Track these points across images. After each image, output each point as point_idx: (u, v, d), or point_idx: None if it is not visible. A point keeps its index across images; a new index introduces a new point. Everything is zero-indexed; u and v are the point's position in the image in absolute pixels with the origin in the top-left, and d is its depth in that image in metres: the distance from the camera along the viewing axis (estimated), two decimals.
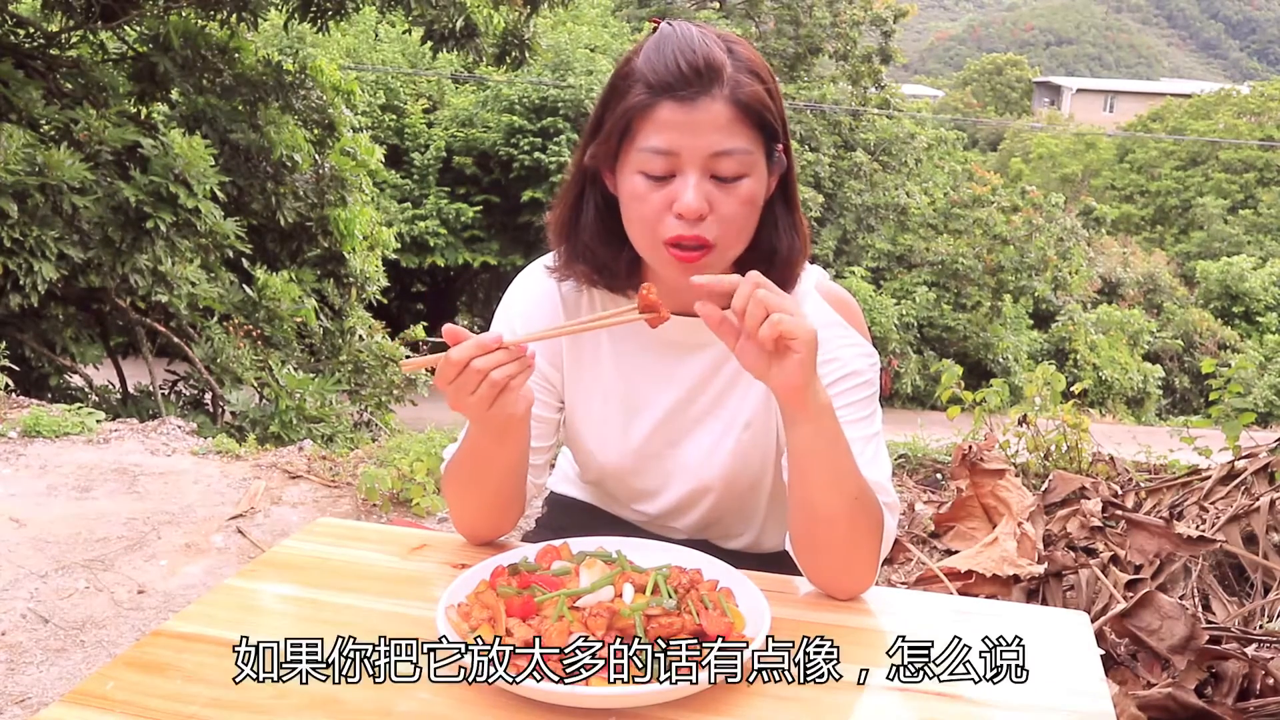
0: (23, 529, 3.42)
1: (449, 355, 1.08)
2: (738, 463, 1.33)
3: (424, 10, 7.37)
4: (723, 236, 1.17)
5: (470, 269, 16.53)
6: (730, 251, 1.20)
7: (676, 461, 1.35)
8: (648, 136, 1.14)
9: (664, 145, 1.14)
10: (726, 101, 1.13)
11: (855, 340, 1.29)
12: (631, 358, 1.33)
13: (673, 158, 1.14)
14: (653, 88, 1.14)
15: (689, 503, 1.38)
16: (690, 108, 1.13)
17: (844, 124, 18.68)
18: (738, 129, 1.14)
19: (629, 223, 1.21)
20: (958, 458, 2.86)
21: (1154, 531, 2.40)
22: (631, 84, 1.16)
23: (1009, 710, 0.97)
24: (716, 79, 1.13)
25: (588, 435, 1.38)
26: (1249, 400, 14.78)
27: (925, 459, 4.37)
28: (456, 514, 1.31)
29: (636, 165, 1.16)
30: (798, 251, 1.27)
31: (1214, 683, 1.89)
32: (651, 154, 1.14)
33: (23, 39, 7.23)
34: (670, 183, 1.15)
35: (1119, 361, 17.82)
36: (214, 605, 1.15)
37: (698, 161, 1.14)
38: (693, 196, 1.13)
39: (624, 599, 1.01)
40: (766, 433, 1.33)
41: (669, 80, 1.13)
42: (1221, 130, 31.14)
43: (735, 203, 1.16)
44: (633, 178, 1.17)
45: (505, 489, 1.27)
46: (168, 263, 6.36)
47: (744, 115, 1.14)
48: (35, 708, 2.42)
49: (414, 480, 3.81)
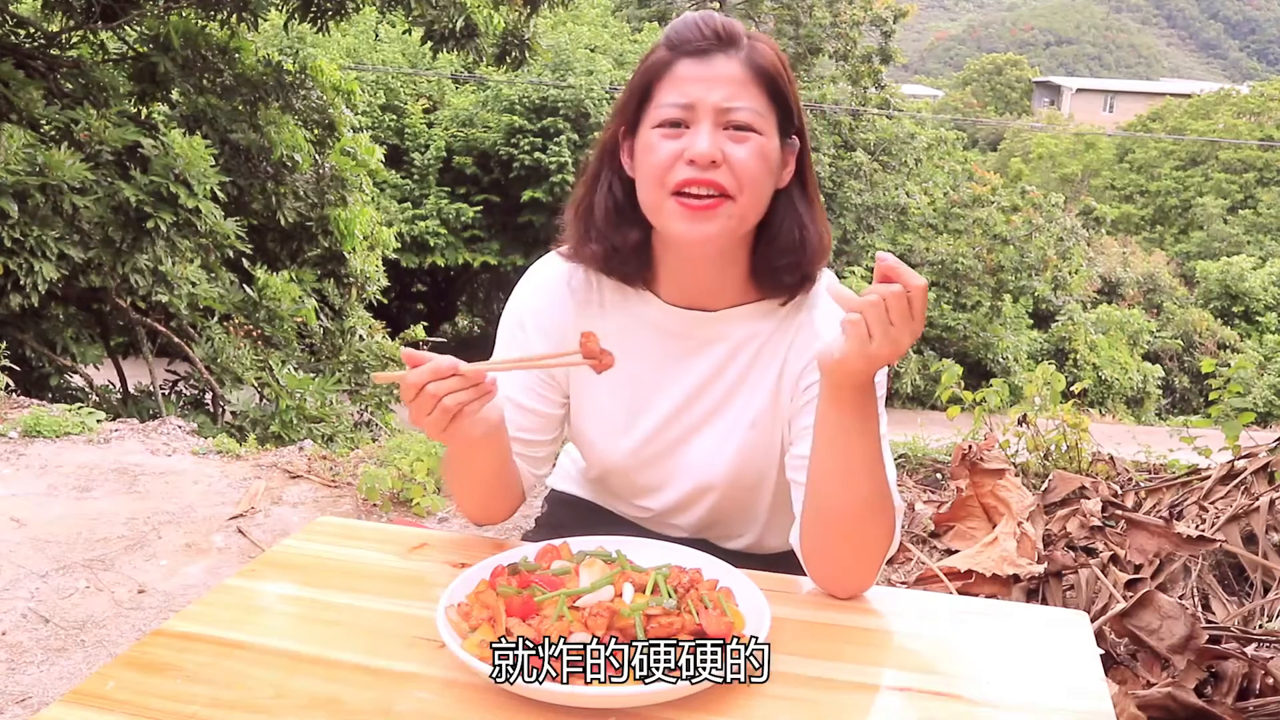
0: (23, 529, 3.42)
1: (404, 377, 1.10)
2: (742, 462, 1.33)
3: (424, 10, 7.37)
4: (738, 187, 1.18)
5: (470, 269, 16.54)
6: (746, 209, 1.20)
7: (681, 459, 1.35)
8: (665, 92, 1.20)
9: (680, 99, 1.18)
10: (742, 62, 1.19)
11: None
12: (638, 354, 1.33)
13: (688, 110, 1.18)
14: (673, 47, 1.20)
15: (691, 500, 1.38)
16: (707, 63, 1.19)
17: (844, 124, 18.68)
18: (751, 88, 1.19)
19: (641, 180, 1.23)
20: (958, 457, 2.86)
21: (1154, 531, 2.40)
22: (655, 49, 1.23)
23: (1009, 710, 0.97)
24: (734, 42, 1.20)
25: (592, 431, 1.38)
26: (1249, 400, 14.77)
27: (925, 459, 4.37)
28: (458, 501, 1.37)
29: (653, 120, 1.20)
30: (822, 248, 1.27)
31: (1214, 682, 1.89)
32: (668, 108, 1.19)
33: (23, 39, 7.22)
34: (684, 136, 1.19)
35: (1119, 361, 17.83)
36: (214, 605, 1.15)
37: (711, 112, 1.18)
38: (706, 141, 1.17)
39: (624, 599, 1.01)
40: (771, 433, 1.33)
41: (688, 37, 1.20)
42: (1221, 130, 31.13)
43: (747, 154, 1.18)
44: (649, 133, 1.21)
45: (494, 482, 1.30)
46: (168, 263, 6.36)
47: (757, 77, 1.20)
48: (35, 707, 2.42)
49: (414, 480, 3.81)
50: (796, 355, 1.29)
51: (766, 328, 1.31)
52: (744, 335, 1.31)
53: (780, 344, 1.31)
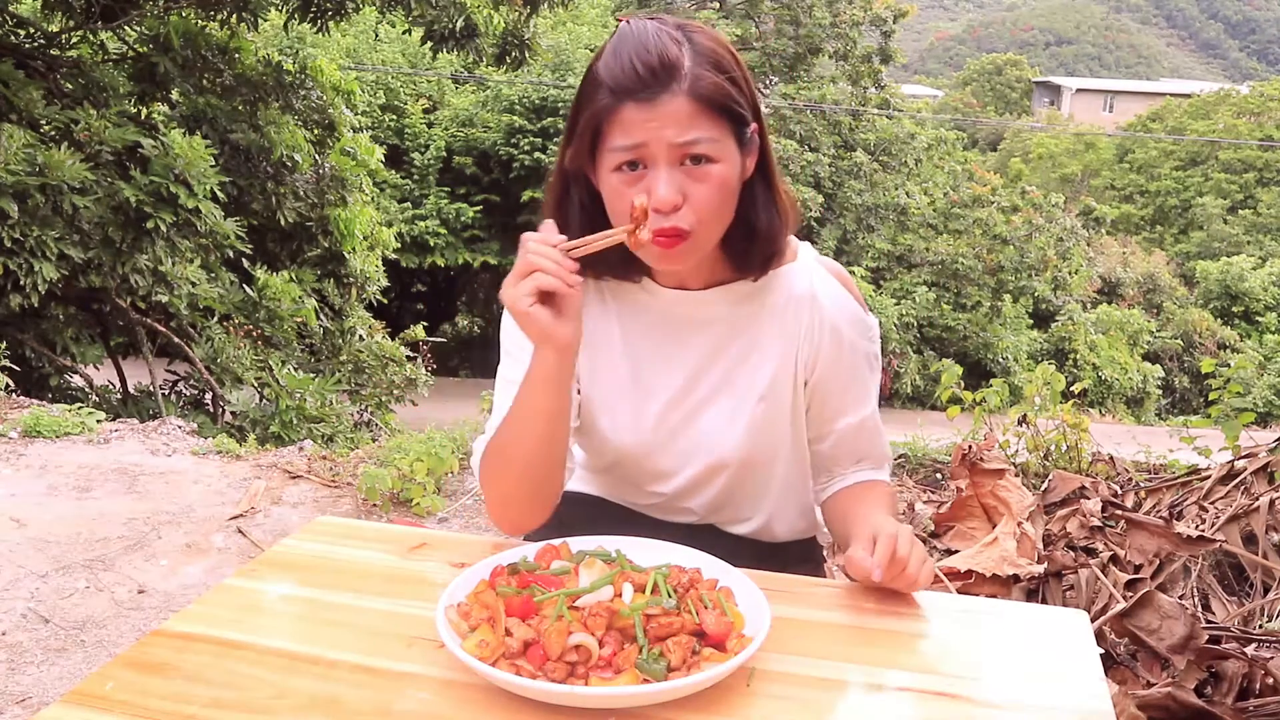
0: (23, 529, 3.42)
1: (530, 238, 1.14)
2: (754, 437, 1.35)
3: (424, 10, 7.37)
4: (699, 224, 1.20)
5: (470, 269, 16.53)
6: (709, 238, 1.24)
7: (692, 439, 1.37)
8: (615, 137, 1.18)
9: (631, 141, 1.17)
10: (686, 96, 1.17)
11: (866, 323, 1.39)
12: (638, 339, 1.36)
13: (642, 149, 1.18)
14: (615, 92, 1.17)
15: (704, 480, 1.39)
16: (651, 106, 1.16)
17: (844, 124, 18.66)
18: (701, 120, 1.17)
19: (612, 216, 1.24)
20: (957, 457, 2.85)
21: (1154, 531, 2.40)
22: (595, 89, 1.19)
23: (1009, 710, 0.97)
24: (674, 75, 1.16)
25: (601, 419, 1.39)
26: (1248, 400, 14.78)
27: (925, 459, 4.37)
28: (495, 493, 1.29)
29: (610, 164, 1.20)
30: (778, 226, 1.30)
31: (1214, 682, 1.89)
32: (621, 151, 1.18)
33: (23, 39, 7.22)
34: (644, 179, 1.19)
35: (1119, 361, 17.83)
36: (214, 605, 1.15)
37: (665, 152, 1.17)
38: (664, 189, 1.17)
39: (624, 599, 1.01)
40: (780, 407, 1.36)
41: (627, 84, 1.16)
42: (1221, 130, 31.14)
43: (708, 190, 1.19)
44: (609, 176, 1.21)
45: (545, 457, 1.24)
46: (168, 263, 6.36)
47: (706, 107, 1.18)
48: (35, 708, 2.42)
49: (414, 480, 3.81)
50: (806, 335, 1.34)
51: (758, 303, 1.34)
52: (737, 312, 1.34)
53: (780, 318, 1.34)
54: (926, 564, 1.17)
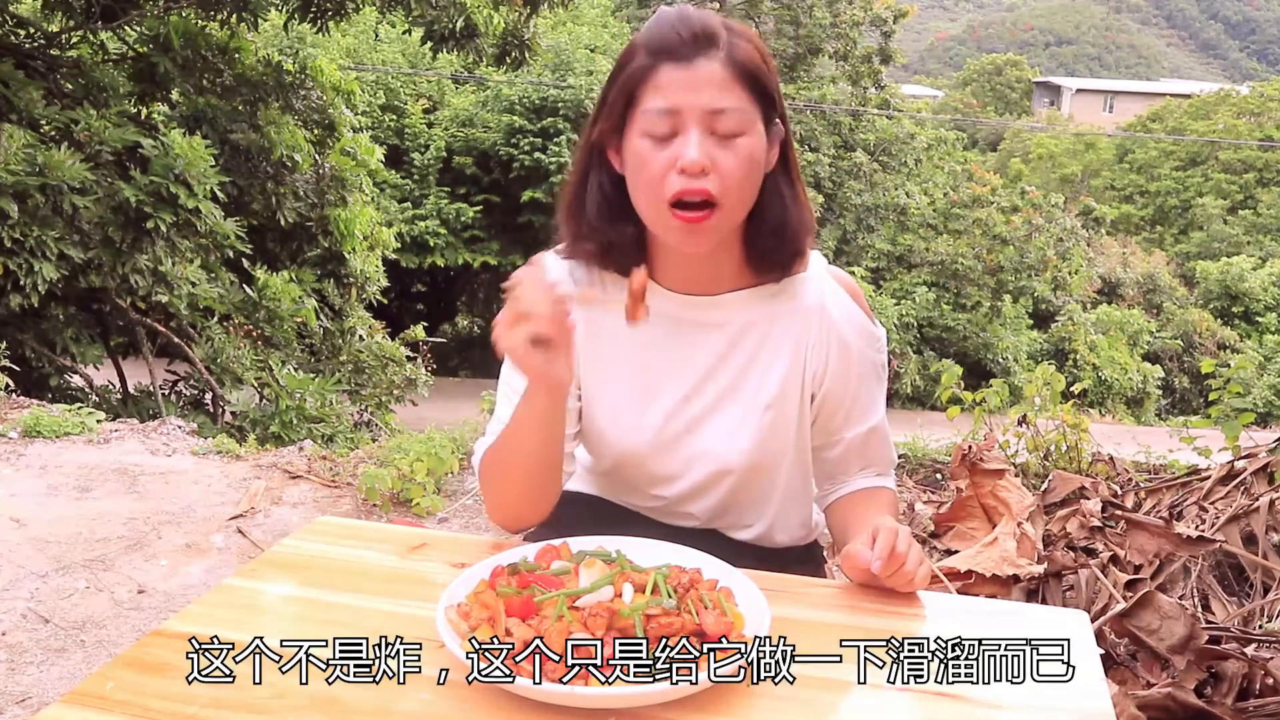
0: (23, 529, 3.42)
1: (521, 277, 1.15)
2: (759, 445, 1.35)
3: (424, 10, 7.37)
4: (725, 194, 1.20)
5: (470, 269, 16.52)
6: (734, 212, 1.24)
7: (697, 443, 1.37)
8: (649, 98, 1.20)
9: (665, 104, 1.19)
10: (723, 62, 1.20)
11: (874, 334, 1.39)
12: (645, 342, 1.35)
13: (674, 116, 1.19)
14: (653, 53, 1.20)
15: (708, 486, 1.39)
16: (688, 67, 1.19)
17: (844, 124, 18.67)
18: (734, 88, 1.20)
19: (635, 189, 1.25)
20: (957, 458, 2.85)
21: (1154, 531, 2.40)
22: (633, 55, 1.22)
23: (1009, 710, 0.98)
24: (712, 42, 1.20)
25: (604, 422, 1.38)
26: (1248, 400, 14.77)
27: (925, 459, 4.37)
28: (494, 499, 1.34)
29: (640, 128, 1.21)
30: (806, 226, 1.31)
31: (1213, 683, 1.89)
32: (654, 115, 1.20)
33: (23, 39, 7.23)
34: (672, 144, 1.19)
35: (1119, 361, 17.82)
36: (214, 605, 1.15)
37: (697, 117, 1.19)
38: (694, 149, 1.18)
39: (624, 599, 1.01)
40: (786, 416, 1.36)
41: (667, 44, 1.19)
42: (1221, 130, 31.13)
43: (735, 159, 1.20)
44: (637, 141, 1.21)
45: (548, 461, 1.29)
46: (168, 263, 6.36)
47: (740, 76, 1.20)
48: (35, 708, 2.42)
49: (414, 480, 3.81)
50: (815, 347, 1.34)
51: (768, 311, 1.34)
52: (747, 318, 1.34)
53: (789, 327, 1.34)
54: (924, 564, 1.17)
